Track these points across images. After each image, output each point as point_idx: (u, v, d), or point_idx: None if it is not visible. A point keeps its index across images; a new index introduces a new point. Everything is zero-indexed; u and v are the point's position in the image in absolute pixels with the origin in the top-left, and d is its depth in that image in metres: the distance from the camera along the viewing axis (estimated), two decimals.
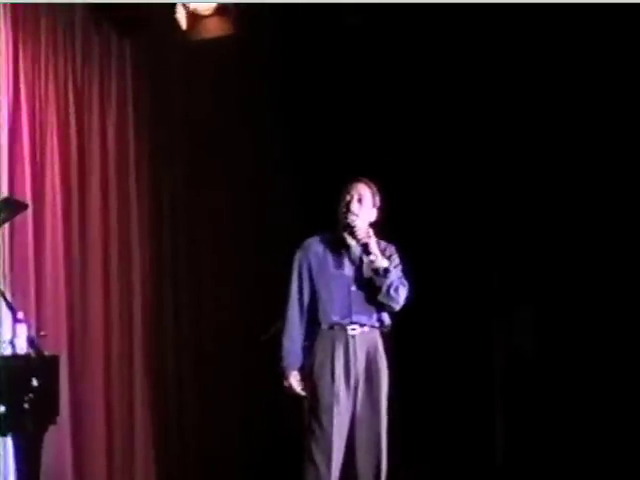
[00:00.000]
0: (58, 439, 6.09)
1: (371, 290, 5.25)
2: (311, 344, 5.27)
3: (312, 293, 5.30)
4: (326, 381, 5.19)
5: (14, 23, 6.36)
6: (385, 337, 5.34)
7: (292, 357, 5.28)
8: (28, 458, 5.26)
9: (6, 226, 5.98)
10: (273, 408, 7.20)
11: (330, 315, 5.24)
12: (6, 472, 5.86)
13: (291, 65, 8.03)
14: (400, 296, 5.25)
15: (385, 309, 5.28)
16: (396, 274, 5.26)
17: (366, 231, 5.25)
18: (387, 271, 5.21)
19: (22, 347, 5.31)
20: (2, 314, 5.84)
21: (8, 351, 5.31)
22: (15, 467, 5.37)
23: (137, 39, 7.22)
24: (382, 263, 5.22)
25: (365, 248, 5.23)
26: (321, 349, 5.23)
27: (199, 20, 7.04)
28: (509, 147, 7.73)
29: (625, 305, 7.31)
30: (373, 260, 5.22)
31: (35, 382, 5.17)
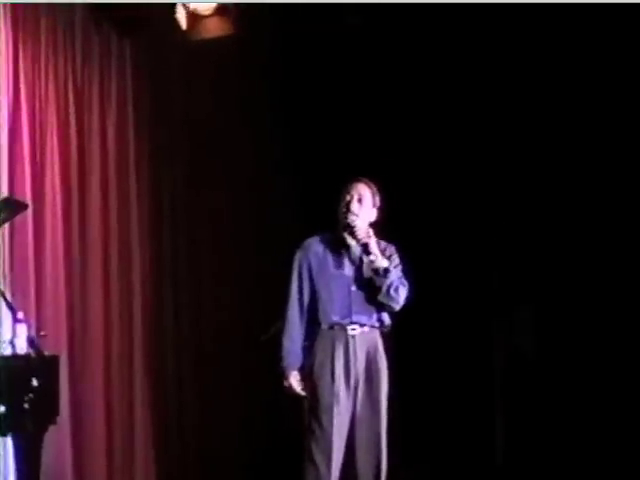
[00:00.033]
0: (58, 439, 6.08)
1: (371, 290, 5.24)
2: (311, 344, 5.27)
3: (312, 293, 5.30)
4: (326, 381, 5.19)
5: (14, 23, 6.36)
6: (385, 337, 5.33)
7: (292, 357, 5.28)
8: (28, 458, 5.26)
9: (6, 226, 5.98)
10: (273, 408, 7.20)
11: (330, 315, 5.24)
12: (6, 472, 5.85)
13: (291, 65, 8.03)
14: (400, 296, 5.25)
15: (385, 309, 5.28)
16: (396, 274, 5.26)
17: (366, 231, 5.25)
18: (387, 271, 5.21)
19: (22, 347, 5.31)
20: (2, 314, 5.84)
21: (8, 351, 5.31)
22: (15, 467, 5.37)
23: (137, 39, 7.22)
24: (382, 263, 5.22)
25: (365, 248, 5.23)
26: (321, 349, 5.23)
27: (199, 20, 7.04)
28: (509, 147, 7.73)
29: (625, 305, 7.31)
30: (373, 260, 5.22)
31: (35, 382, 5.16)
